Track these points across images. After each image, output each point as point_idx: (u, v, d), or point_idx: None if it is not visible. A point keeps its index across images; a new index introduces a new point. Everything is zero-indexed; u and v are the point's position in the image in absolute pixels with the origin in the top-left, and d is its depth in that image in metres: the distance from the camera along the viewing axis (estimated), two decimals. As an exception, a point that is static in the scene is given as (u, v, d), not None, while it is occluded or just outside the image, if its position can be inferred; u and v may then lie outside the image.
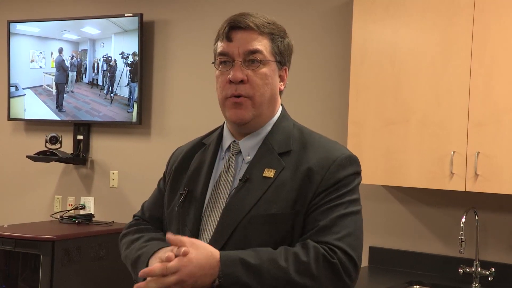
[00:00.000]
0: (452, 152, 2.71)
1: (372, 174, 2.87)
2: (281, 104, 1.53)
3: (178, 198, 1.48)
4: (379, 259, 3.20)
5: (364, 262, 3.19)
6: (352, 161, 1.43)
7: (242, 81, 1.40)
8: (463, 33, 2.70)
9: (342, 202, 1.37)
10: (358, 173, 1.44)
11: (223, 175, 1.45)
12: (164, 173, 1.61)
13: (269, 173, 1.39)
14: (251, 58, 1.41)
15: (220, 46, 1.44)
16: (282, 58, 1.46)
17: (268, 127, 1.47)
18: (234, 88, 1.41)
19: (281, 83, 1.48)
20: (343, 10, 3.30)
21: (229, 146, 1.49)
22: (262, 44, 1.42)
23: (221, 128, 1.55)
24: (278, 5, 3.53)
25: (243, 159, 1.46)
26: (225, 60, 1.43)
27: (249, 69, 1.41)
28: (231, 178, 1.44)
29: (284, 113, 1.51)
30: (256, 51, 1.41)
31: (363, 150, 2.88)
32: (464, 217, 2.79)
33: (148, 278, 1.29)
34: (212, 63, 1.48)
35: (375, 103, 2.92)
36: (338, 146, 1.47)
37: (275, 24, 1.46)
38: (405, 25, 2.87)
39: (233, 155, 1.47)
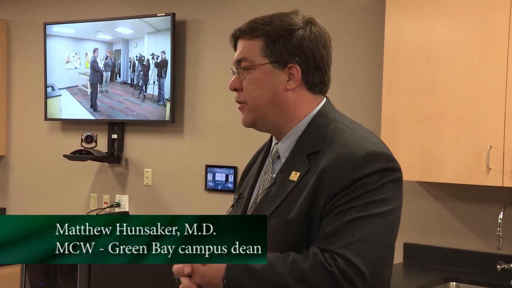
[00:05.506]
0: (488, 147, 2.67)
1: (407, 170, 2.81)
2: (326, 97, 1.45)
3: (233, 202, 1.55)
4: (414, 255, 3.18)
5: (399, 258, 3.17)
6: (376, 158, 1.31)
7: (236, 89, 1.44)
8: (500, 27, 2.66)
9: (356, 205, 1.27)
10: (386, 170, 1.32)
11: (262, 179, 1.47)
12: None
13: (294, 176, 1.36)
14: (242, 67, 1.42)
15: None
16: (279, 57, 1.38)
17: (301, 127, 1.41)
18: (235, 96, 1.46)
19: (290, 81, 1.39)
20: (376, 5, 3.28)
21: (272, 149, 1.50)
22: (248, 50, 1.40)
23: None
24: (310, 1, 3.52)
25: (281, 162, 1.45)
26: (233, 69, 1.47)
27: (243, 76, 1.42)
28: (268, 182, 1.44)
29: (322, 110, 1.42)
30: (241, 60, 1.42)
31: (398, 146, 2.87)
32: (502, 213, 2.76)
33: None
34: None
35: (409, 99, 2.90)
36: (362, 142, 1.34)
37: (273, 23, 1.39)
38: (439, 20, 2.84)
39: (272, 158, 1.47)
